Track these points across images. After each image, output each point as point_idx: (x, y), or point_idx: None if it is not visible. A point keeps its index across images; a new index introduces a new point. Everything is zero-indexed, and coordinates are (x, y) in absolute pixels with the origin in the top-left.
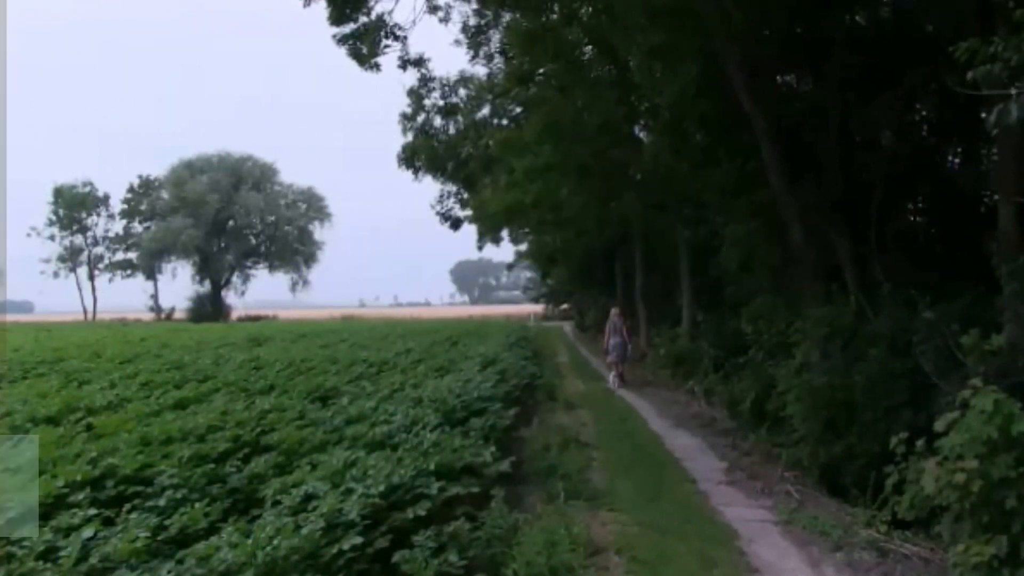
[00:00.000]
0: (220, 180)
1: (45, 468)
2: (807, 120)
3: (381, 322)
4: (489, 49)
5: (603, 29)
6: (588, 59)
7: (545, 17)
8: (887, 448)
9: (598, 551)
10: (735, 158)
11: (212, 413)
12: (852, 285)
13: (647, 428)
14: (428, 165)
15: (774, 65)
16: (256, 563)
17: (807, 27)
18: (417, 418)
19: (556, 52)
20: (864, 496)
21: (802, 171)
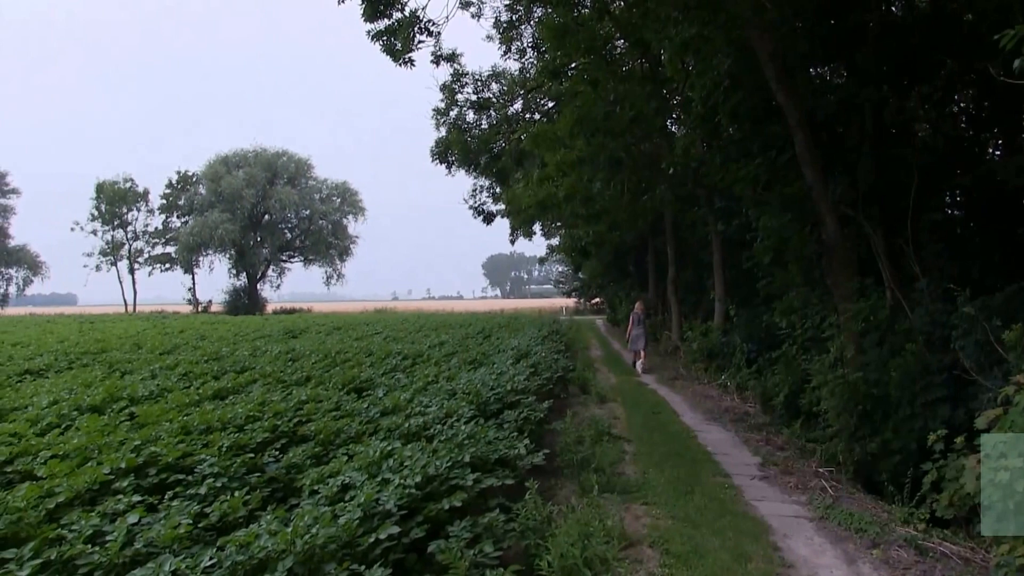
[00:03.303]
0: (256, 175)
1: (91, 455)
2: (840, 112)
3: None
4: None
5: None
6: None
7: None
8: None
9: (632, 544)
10: (768, 150)
11: (250, 403)
12: (887, 279)
13: (680, 422)
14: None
15: (807, 57)
16: (295, 551)
17: (840, 18)
18: (452, 410)
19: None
20: (900, 493)
21: (835, 163)
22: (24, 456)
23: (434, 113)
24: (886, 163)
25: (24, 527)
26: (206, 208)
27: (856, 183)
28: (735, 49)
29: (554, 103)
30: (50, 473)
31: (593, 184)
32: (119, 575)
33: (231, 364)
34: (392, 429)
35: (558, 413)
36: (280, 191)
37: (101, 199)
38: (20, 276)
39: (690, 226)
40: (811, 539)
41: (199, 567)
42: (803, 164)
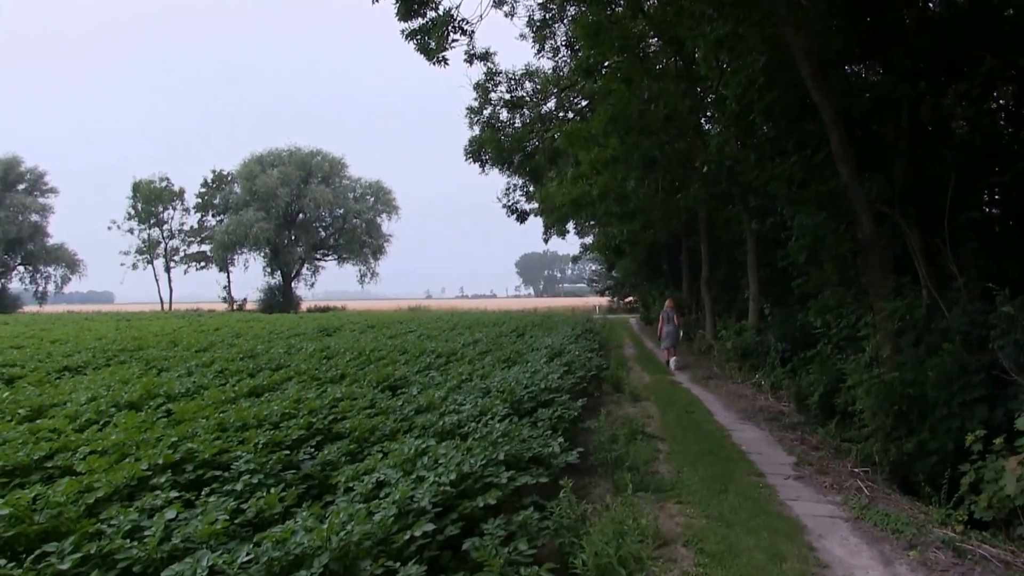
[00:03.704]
0: (290, 174)
1: (129, 451)
2: (876, 110)
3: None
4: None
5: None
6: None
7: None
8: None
9: (666, 543)
10: (803, 149)
11: (285, 401)
12: (924, 278)
13: (713, 421)
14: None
15: (842, 54)
16: (331, 547)
17: (876, 15)
18: (486, 408)
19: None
20: (938, 494)
21: (871, 161)
22: (64, 452)
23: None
24: (922, 161)
25: (64, 521)
26: (241, 207)
27: (892, 181)
28: (770, 47)
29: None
30: (89, 469)
31: (627, 182)
32: (157, 570)
33: (266, 362)
34: (427, 427)
35: (592, 412)
36: (314, 190)
37: (137, 198)
38: (58, 274)
39: (724, 224)
40: (847, 539)
41: (236, 563)
42: (838, 162)
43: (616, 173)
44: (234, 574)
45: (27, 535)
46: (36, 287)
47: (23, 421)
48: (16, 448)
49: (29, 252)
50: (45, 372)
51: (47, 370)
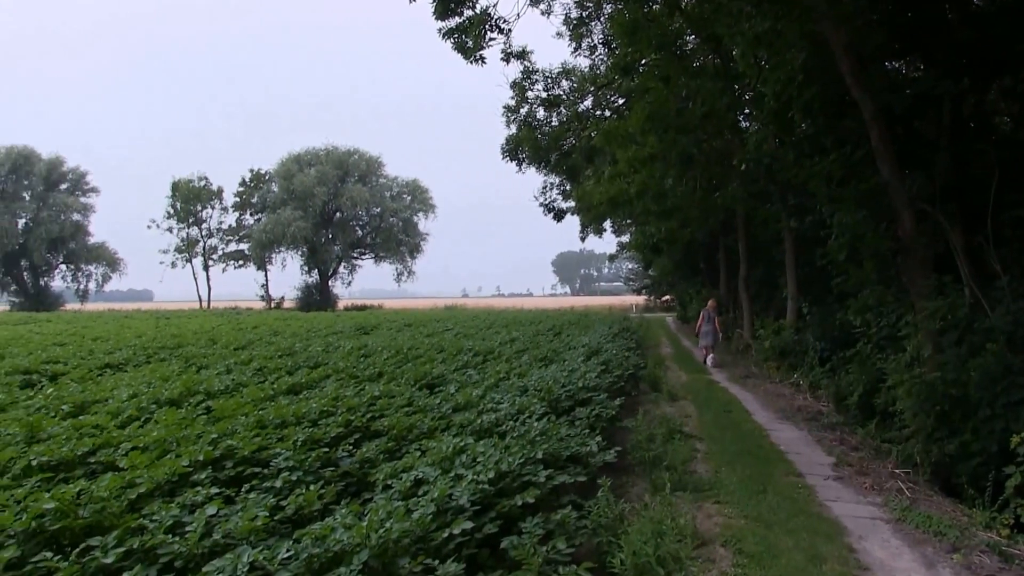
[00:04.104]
0: (327, 173)
1: (170, 448)
2: (917, 106)
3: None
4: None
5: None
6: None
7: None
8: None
9: (704, 543)
10: (842, 146)
11: (324, 399)
12: (966, 277)
13: (751, 420)
14: (531, 157)
15: (882, 50)
16: (370, 544)
17: (918, 9)
18: (523, 407)
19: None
20: (982, 497)
21: (912, 158)
22: (106, 447)
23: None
24: (965, 158)
25: (107, 516)
26: (279, 206)
27: (933, 178)
28: (809, 43)
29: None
30: (131, 464)
31: (665, 180)
32: (198, 565)
33: (304, 360)
34: (464, 425)
35: (629, 411)
36: (351, 189)
37: (176, 197)
38: (99, 273)
39: (762, 223)
40: (887, 541)
41: (276, 559)
42: (879, 159)
43: (654, 171)
44: (274, 570)
45: (72, 529)
46: (78, 285)
47: (67, 417)
48: (60, 443)
49: (71, 251)
50: (87, 369)
51: (89, 367)
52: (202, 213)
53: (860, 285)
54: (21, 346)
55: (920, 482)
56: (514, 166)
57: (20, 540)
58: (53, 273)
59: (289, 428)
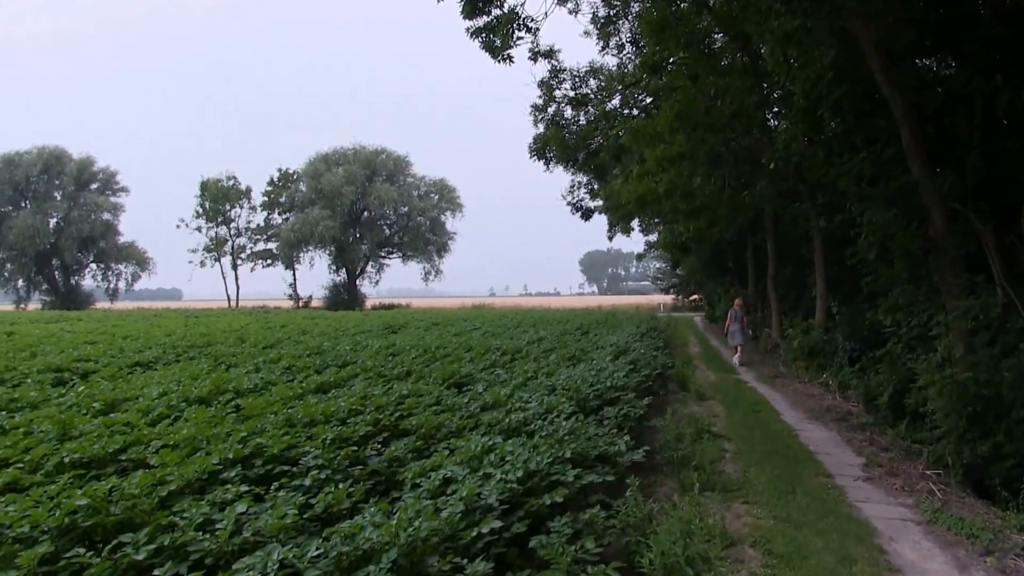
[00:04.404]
0: (355, 172)
1: (200, 445)
2: (948, 104)
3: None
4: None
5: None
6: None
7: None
8: None
9: (733, 543)
10: (872, 144)
11: (352, 397)
12: (998, 276)
13: (780, 420)
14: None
15: (913, 47)
16: (399, 543)
17: (949, 5)
18: (551, 406)
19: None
20: (1015, 499)
21: (943, 156)
22: (137, 445)
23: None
24: (997, 156)
25: (138, 513)
26: (307, 205)
27: (965, 177)
28: (838, 40)
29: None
30: (161, 462)
31: (693, 179)
32: (228, 562)
33: (333, 358)
34: (493, 424)
35: (657, 410)
36: (379, 188)
37: (205, 196)
38: (129, 272)
39: (791, 222)
40: (918, 543)
41: (305, 557)
42: (909, 158)
43: (682, 170)
44: (304, 568)
45: (104, 525)
46: (108, 284)
47: (98, 415)
48: (92, 441)
49: (101, 250)
50: (118, 367)
51: (119, 365)
52: (231, 212)
53: (890, 284)
54: (53, 344)
55: (952, 484)
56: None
57: (53, 536)
58: (84, 272)
59: (318, 427)
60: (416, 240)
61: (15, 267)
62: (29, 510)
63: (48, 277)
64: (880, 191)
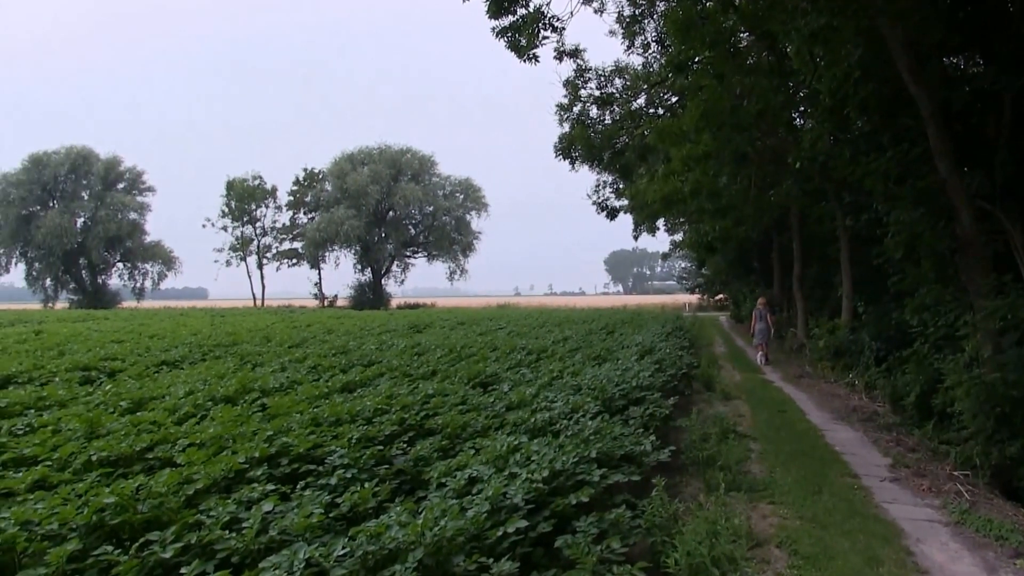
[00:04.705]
0: (380, 172)
1: (226, 444)
2: (976, 102)
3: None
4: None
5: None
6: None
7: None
8: None
9: (759, 544)
10: (899, 143)
11: (378, 397)
12: None
13: (806, 420)
14: (584, 155)
15: (941, 46)
16: (424, 542)
17: (977, 4)
18: (577, 405)
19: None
20: None
21: (971, 155)
22: (163, 444)
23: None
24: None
25: (165, 511)
26: (332, 204)
27: (993, 176)
28: (865, 39)
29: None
30: (188, 461)
31: (719, 179)
32: (255, 561)
33: (358, 358)
34: (518, 424)
35: (683, 410)
36: (404, 187)
37: (231, 196)
38: (155, 271)
39: (816, 221)
40: (946, 545)
41: (332, 556)
42: (937, 157)
43: (708, 169)
44: (330, 567)
45: (131, 523)
46: (134, 283)
47: (125, 413)
48: (119, 439)
49: (128, 249)
50: (144, 366)
51: (146, 364)
52: (256, 212)
53: (917, 284)
54: (80, 343)
55: (980, 485)
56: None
57: (82, 533)
58: (110, 271)
59: (344, 426)
60: (441, 240)
61: (43, 266)
62: (58, 508)
63: (75, 276)
64: (907, 190)
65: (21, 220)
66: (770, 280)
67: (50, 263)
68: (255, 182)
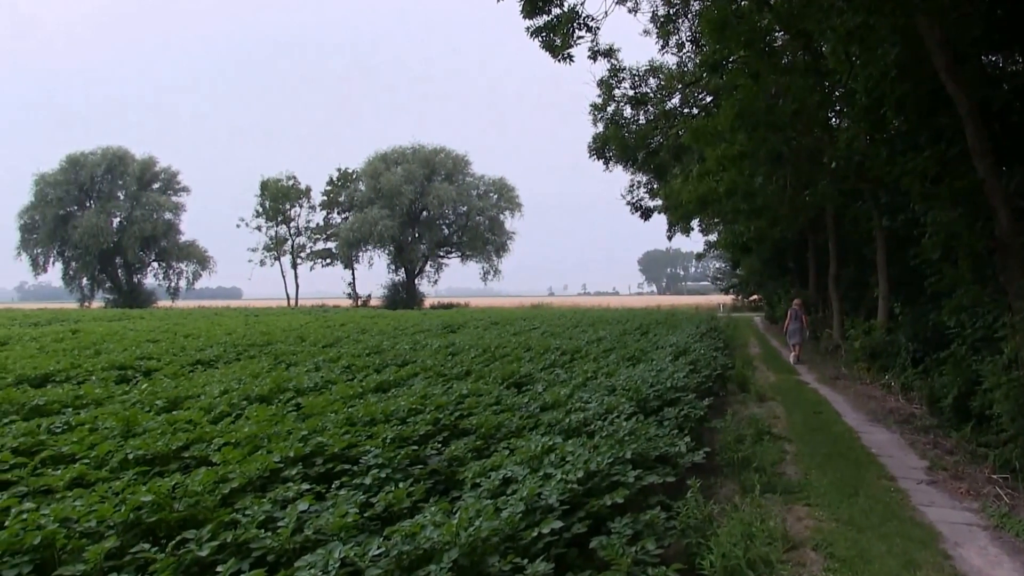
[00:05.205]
0: (414, 172)
1: (261, 444)
2: (1016, 101)
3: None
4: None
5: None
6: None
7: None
8: None
9: (795, 546)
10: (936, 142)
11: (412, 397)
12: None
13: (842, 422)
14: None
15: (980, 44)
16: (459, 543)
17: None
18: (611, 406)
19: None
20: None
21: (1011, 154)
22: (199, 442)
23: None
24: None
25: (201, 510)
26: (366, 204)
27: None
28: (902, 38)
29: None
30: (223, 459)
31: (755, 179)
32: (290, 560)
33: (392, 357)
34: (553, 424)
35: (717, 411)
36: (438, 187)
37: (265, 196)
38: (190, 270)
39: (852, 221)
40: (985, 549)
41: (367, 555)
42: (975, 156)
43: (743, 169)
44: (365, 567)
45: (168, 522)
46: (169, 283)
47: (161, 412)
48: (155, 438)
49: (163, 249)
50: (179, 365)
51: (181, 363)
52: (290, 212)
53: (955, 285)
54: (116, 342)
55: (1019, 488)
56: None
57: (119, 531)
58: (145, 271)
59: (378, 426)
60: (475, 240)
61: (80, 265)
62: (96, 505)
63: (111, 275)
64: (945, 190)
65: (58, 220)
66: (805, 281)
67: (86, 262)
68: (289, 182)
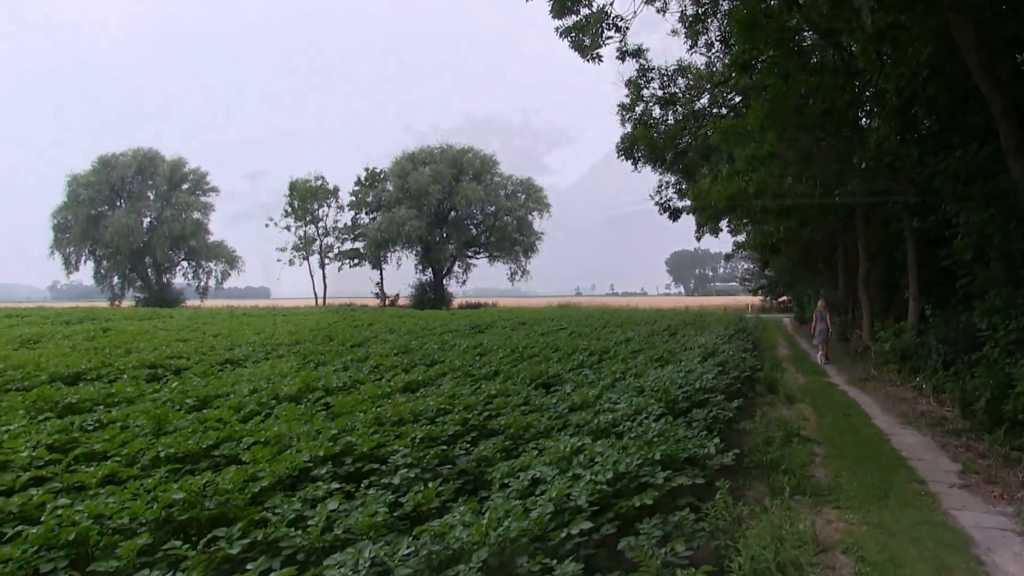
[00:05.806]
0: (442, 172)
1: (290, 443)
2: None
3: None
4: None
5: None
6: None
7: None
8: None
9: (824, 549)
10: (969, 143)
11: (441, 397)
12: None
13: (872, 424)
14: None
15: (1013, 42)
16: (488, 543)
17: None
18: (640, 407)
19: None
20: None
21: None
22: (229, 441)
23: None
24: None
25: (232, 508)
26: (393, 205)
27: None
28: (934, 37)
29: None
30: (253, 458)
31: (784, 179)
32: (319, 558)
33: (420, 357)
34: (581, 425)
35: (746, 413)
36: (466, 187)
37: (294, 196)
38: (218, 270)
39: (882, 222)
40: (1019, 555)
41: (396, 555)
42: (1008, 156)
43: (773, 169)
44: (394, 566)
45: (199, 519)
46: (198, 282)
47: (191, 411)
48: (186, 436)
49: (192, 249)
50: (209, 364)
51: (211, 362)
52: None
53: (987, 286)
54: (147, 341)
55: None
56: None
57: (151, 528)
58: (175, 270)
59: (407, 426)
60: (503, 240)
61: (110, 265)
62: (128, 502)
63: (141, 275)
64: (977, 191)
65: (90, 220)
66: (835, 281)
67: (117, 262)
68: (317, 182)
